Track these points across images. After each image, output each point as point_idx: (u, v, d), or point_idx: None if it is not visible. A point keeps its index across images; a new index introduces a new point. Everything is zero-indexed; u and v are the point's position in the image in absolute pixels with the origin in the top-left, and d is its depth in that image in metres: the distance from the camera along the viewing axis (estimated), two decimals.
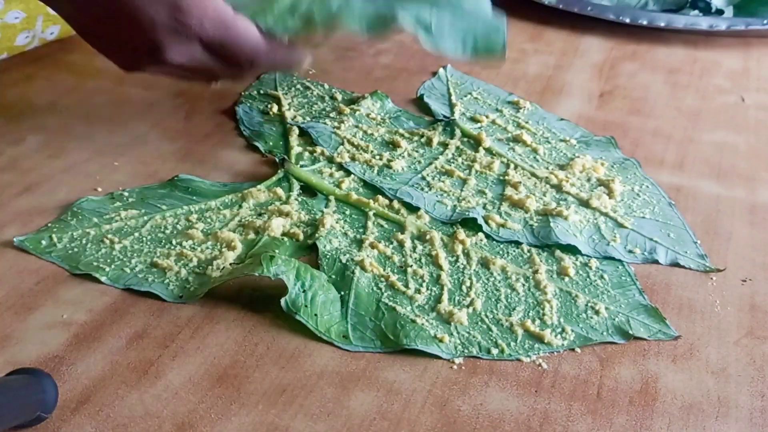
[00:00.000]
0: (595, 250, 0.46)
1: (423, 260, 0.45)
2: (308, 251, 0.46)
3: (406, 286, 0.43)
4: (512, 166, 0.54)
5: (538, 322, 0.41)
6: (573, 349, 0.40)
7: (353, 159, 0.54)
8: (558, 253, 0.46)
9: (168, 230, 0.47)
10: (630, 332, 0.41)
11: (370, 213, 0.49)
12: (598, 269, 0.45)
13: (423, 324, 0.41)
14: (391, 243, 0.46)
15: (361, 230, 0.48)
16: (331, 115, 0.59)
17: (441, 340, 0.40)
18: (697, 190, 0.53)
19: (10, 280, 0.43)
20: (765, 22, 0.73)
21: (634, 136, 0.59)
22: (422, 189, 0.51)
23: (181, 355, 0.39)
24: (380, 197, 0.50)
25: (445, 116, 0.59)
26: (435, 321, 0.41)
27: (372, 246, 0.46)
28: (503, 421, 0.36)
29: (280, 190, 0.50)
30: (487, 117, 0.60)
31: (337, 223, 0.48)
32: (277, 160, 0.54)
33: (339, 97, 0.62)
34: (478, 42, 0.50)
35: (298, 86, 0.64)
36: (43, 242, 0.46)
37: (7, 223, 0.48)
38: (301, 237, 0.47)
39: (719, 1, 0.77)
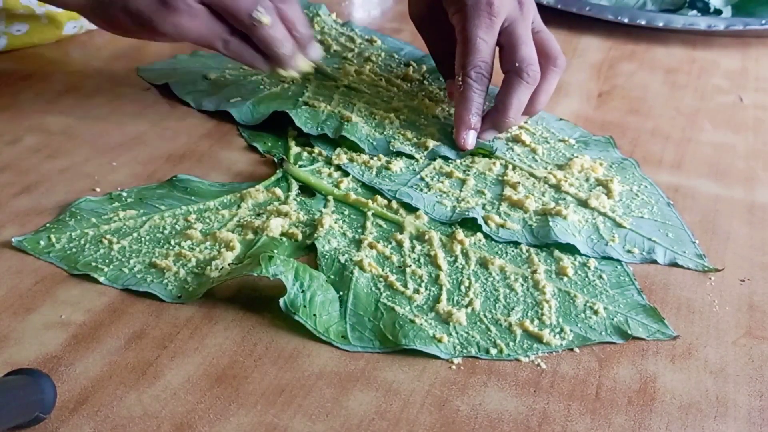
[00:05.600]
0: (594, 250, 0.46)
1: (422, 260, 0.45)
2: (307, 251, 0.46)
3: (405, 286, 0.43)
4: (511, 166, 0.54)
5: (536, 322, 0.41)
6: (572, 349, 0.40)
7: (351, 160, 0.54)
8: (557, 253, 0.46)
9: (166, 230, 0.47)
10: (628, 332, 0.41)
11: (369, 213, 0.49)
12: (597, 269, 0.45)
13: (422, 324, 0.41)
14: (390, 243, 0.46)
15: (359, 230, 0.48)
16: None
17: (440, 340, 0.40)
18: (696, 190, 0.53)
19: (8, 280, 0.43)
20: (763, 22, 0.73)
21: (632, 135, 0.59)
22: (421, 190, 0.51)
23: (180, 355, 0.39)
24: (379, 197, 0.50)
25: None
26: (434, 321, 0.41)
27: (371, 246, 0.46)
28: (502, 421, 0.36)
29: (278, 191, 0.50)
30: None
31: (335, 223, 0.48)
32: (276, 160, 0.54)
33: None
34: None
35: None
36: (42, 243, 0.46)
37: (6, 223, 0.48)
38: (300, 237, 0.47)
39: (717, 1, 0.77)
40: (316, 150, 0.55)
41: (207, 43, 0.53)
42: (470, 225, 0.48)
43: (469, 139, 0.54)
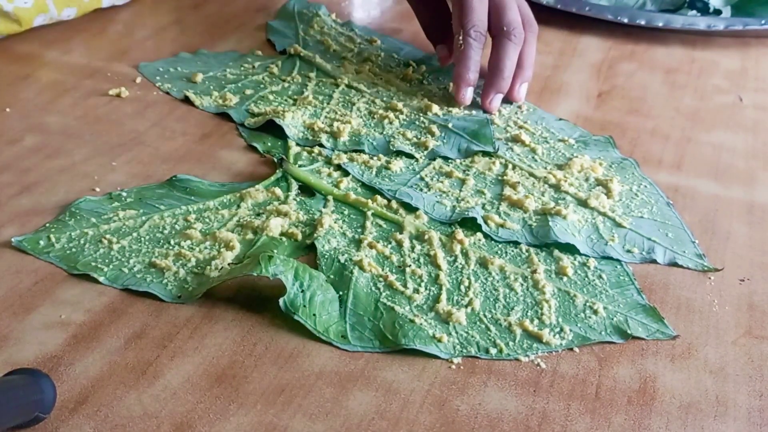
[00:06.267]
0: (594, 249, 0.46)
1: (421, 260, 0.45)
2: (307, 251, 0.46)
3: (405, 285, 0.43)
4: (510, 166, 0.54)
5: (536, 321, 0.41)
6: (571, 349, 0.40)
7: (351, 160, 0.54)
8: (556, 252, 0.46)
9: (166, 230, 0.47)
10: (628, 332, 0.41)
11: (369, 213, 0.49)
12: (597, 269, 0.45)
13: (421, 324, 0.41)
14: (390, 243, 0.47)
15: (359, 230, 0.48)
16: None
17: (439, 340, 0.40)
18: (695, 190, 0.53)
19: (8, 280, 0.43)
20: (763, 22, 0.73)
21: (632, 135, 0.59)
22: (421, 189, 0.51)
23: (180, 355, 0.39)
24: (378, 197, 0.50)
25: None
26: (433, 321, 0.41)
27: (370, 246, 0.46)
28: (502, 420, 0.36)
29: (278, 190, 0.50)
30: None
31: (335, 223, 0.48)
32: (276, 160, 0.54)
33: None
34: (470, 148, 0.55)
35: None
36: (41, 242, 0.46)
37: (5, 223, 0.48)
38: (300, 237, 0.47)
39: (717, 1, 0.77)
40: (316, 150, 0.55)
41: None
42: (470, 225, 0.48)
43: (467, 95, 0.59)
